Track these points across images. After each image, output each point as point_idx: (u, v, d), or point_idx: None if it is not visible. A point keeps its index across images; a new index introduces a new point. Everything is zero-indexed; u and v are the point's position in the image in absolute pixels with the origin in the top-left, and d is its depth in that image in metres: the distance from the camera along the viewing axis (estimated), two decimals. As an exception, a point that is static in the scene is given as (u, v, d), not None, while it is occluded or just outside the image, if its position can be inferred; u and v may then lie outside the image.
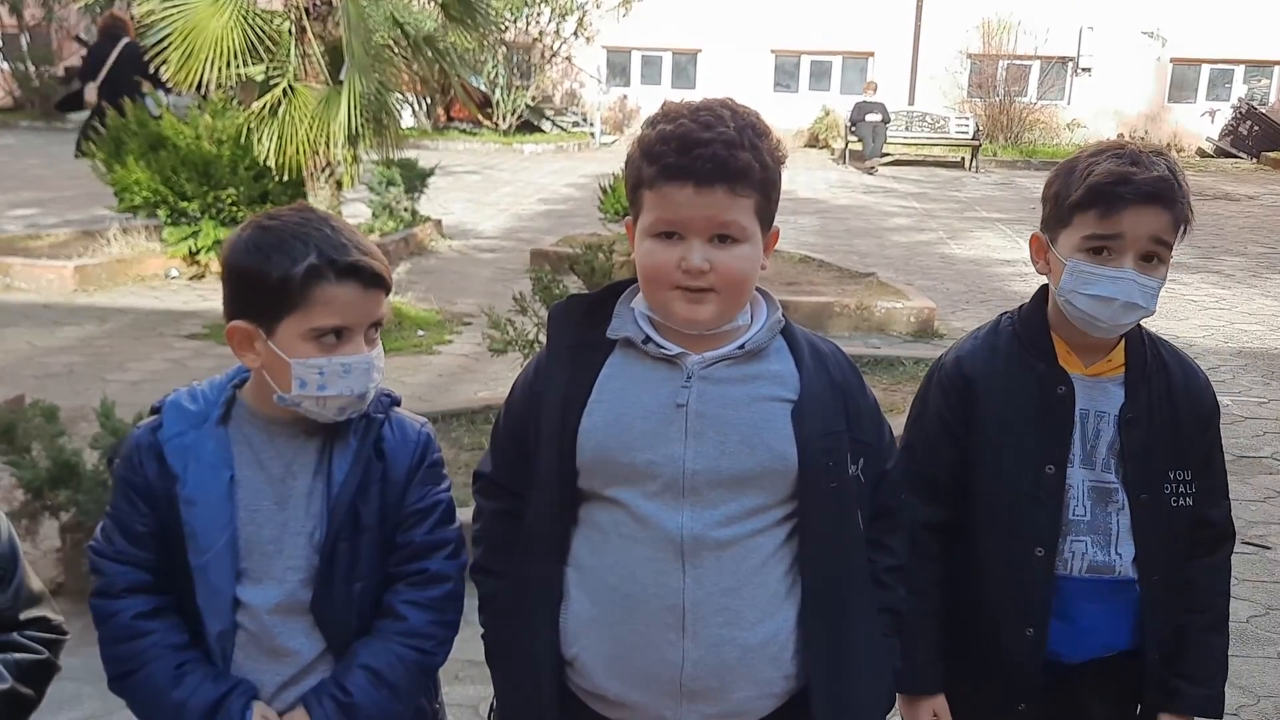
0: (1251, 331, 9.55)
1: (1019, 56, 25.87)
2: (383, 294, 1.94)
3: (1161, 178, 2.06)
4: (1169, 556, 2.17)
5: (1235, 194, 19.60)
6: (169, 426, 1.94)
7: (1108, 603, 2.16)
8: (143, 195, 9.76)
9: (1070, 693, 2.19)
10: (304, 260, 1.85)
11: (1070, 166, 2.16)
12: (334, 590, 1.94)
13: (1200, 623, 2.21)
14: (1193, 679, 2.20)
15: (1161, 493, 2.15)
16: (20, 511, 4.19)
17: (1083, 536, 2.15)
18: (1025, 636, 2.14)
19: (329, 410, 1.90)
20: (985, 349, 2.25)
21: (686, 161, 1.71)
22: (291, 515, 1.94)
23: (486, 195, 17.01)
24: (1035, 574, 2.13)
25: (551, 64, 27.10)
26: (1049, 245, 2.16)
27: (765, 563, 1.81)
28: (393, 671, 1.95)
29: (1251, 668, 4.13)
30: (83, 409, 5.30)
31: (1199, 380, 2.23)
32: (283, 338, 1.88)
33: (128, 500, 1.95)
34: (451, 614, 2.03)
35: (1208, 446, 2.22)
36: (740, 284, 1.80)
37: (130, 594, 1.94)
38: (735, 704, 1.81)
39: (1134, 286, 2.04)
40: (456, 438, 5.74)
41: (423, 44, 8.23)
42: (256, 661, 1.95)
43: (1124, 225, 2.05)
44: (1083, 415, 2.15)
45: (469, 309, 9.07)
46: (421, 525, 2.01)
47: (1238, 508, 5.55)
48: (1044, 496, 2.13)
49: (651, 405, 1.80)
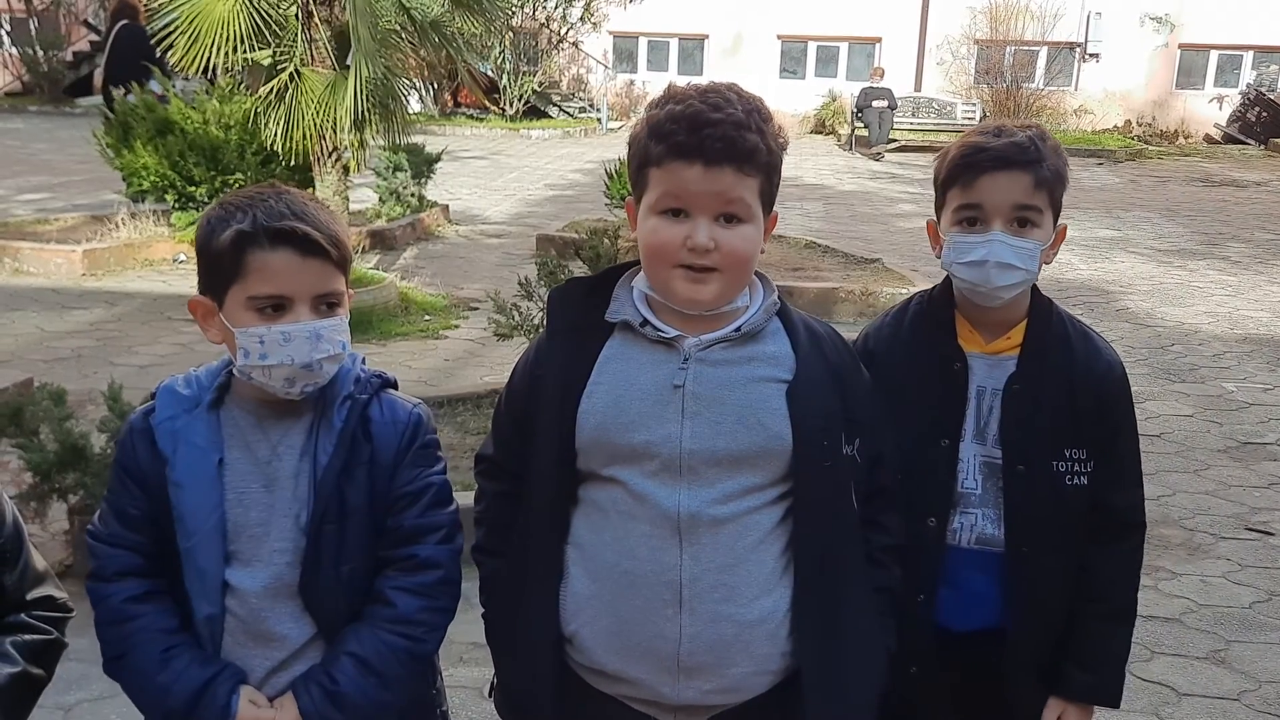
0: (1257, 318, 9.54)
1: (1026, 42, 25.75)
2: (330, 265, 1.88)
3: (1015, 143, 2.10)
4: (1052, 533, 2.16)
5: (1243, 180, 19.54)
6: (161, 411, 1.94)
7: (994, 575, 2.18)
8: (151, 180, 9.79)
9: (958, 660, 2.21)
10: (235, 227, 1.84)
11: (944, 151, 2.22)
12: (321, 573, 1.92)
13: (1095, 610, 2.21)
14: (1083, 665, 2.20)
15: (1049, 468, 2.16)
16: (28, 494, 4.22)
17: (973, 509, 2.18)
18: (916, 602, 2.16)
19: (276, 381, 1.86)
20: (891, 326, 2.31)
21: (696, 140, 1.74)
22: (279, 497, 1.92)
23: (493, 181, 17.02)
24: (927, 543, 2.16)
25: (559, 49, 27.07)
26: (938, 228, 2.22)
27: (762, 540, 1.83)
28: (380, 659, 1.92)
29: (1254, 653, 4.14)
30: (91, 392, 5.32)
31: (1101, 360, 2.21)
32: (229, 309, 1.88)
33: (121, 483, 1.96)
34: (443, 600, 1.99)
35: (1111, 430, 2.20)
36: (743, 264, 1.82)
37: (122, 578, 1.94)
38: (732, 680, 1.83)
39: (1004, 247, 2.08)
40: (462, 422, 5.76)
41: (429, 29, 8.23)
42: (245, 647, 1.94)
43: (983, 193, 2.10)
44: (979, 392, 2.18)
45: (475, 294, 9.10)
46: (412, 509, 1.97)
47: (1242, 494, 5.64)
48: (937, 469, 2.16)
49: (649, 387, 1.83)
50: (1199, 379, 7.70)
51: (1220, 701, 3.83)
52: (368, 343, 7.84)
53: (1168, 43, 26.90)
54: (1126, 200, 16.65)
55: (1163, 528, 5.16)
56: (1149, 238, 13.55)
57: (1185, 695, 3.85)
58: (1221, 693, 3.88)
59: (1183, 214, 15.58)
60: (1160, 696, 3.81)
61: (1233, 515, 5.42)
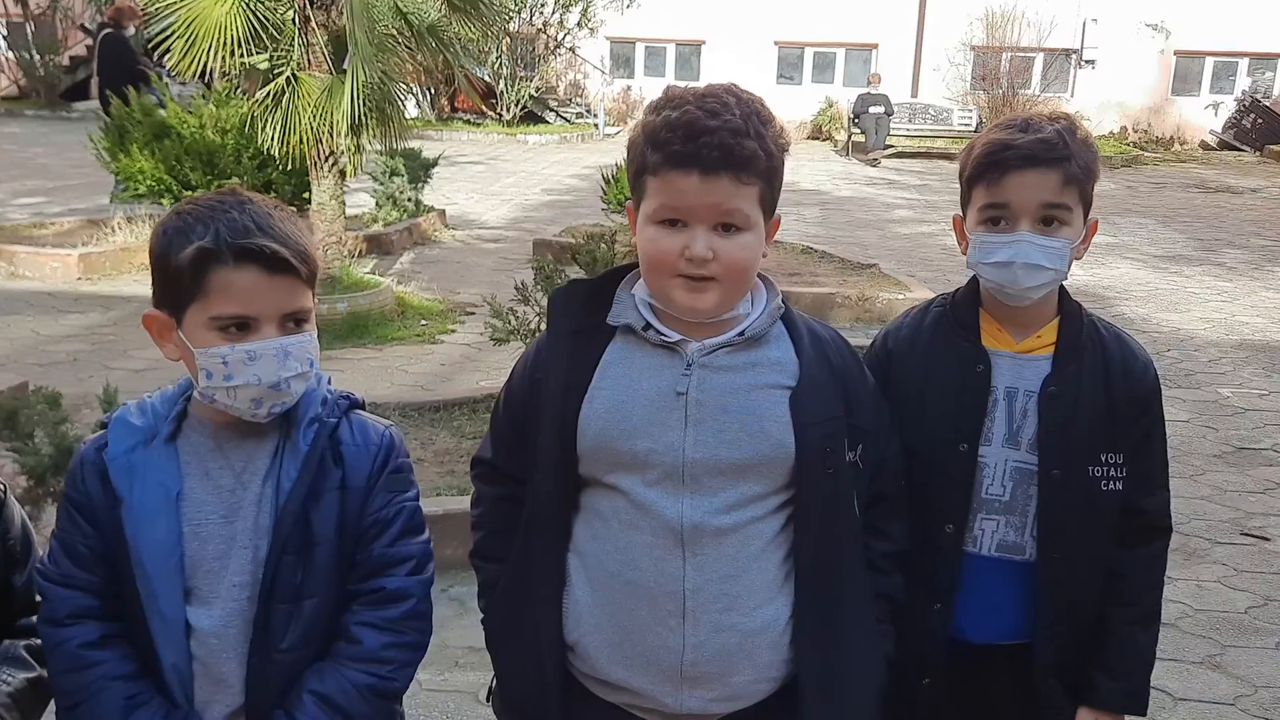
0: (1253, 324, 9.55)
1: (1022, 49, 25.80)
2: (298, 282, 1.77)
3: (1043, 139, 2.03)
4: (1085, 539, 2.11)
5: (1238, 187, 19.56)
6: (114, 445, 1.82)
7: (1015, 585, 2.13)
8: (147, 184, 9.78)
9: (974, 674, 2.16)
10: (197, 243, 1.72)
11: (971, 144, 2.16)
12: (277, 609, 1.80)
13: (1125, 616, 2.16)
14: (1112, 673, 2.15)
15: (1085, 473, 2.10)
16: (23, 498, 4.20)
17: (995, 516, 2.12)
18: (932, 611, 2.12)
19: (242, 403, 1.76)
20: (911, 326, 2.25)
21: (692, 149, 1.70)
22: (239, 528, 1.80)
23: (490, 186, 17.02)
24: (944, 550, 2.11)
25: (556, 55, 27.08)
26: (964, 224, 2.17)
27: (764, 549, 1.82)
28: (344, 695, 1.81)
29: (1250, 658, 4.14)
30: (86, 396, 5.30)
31: (1138, 362, 2.16)
32: (189, 327, 1.77)
33: (70, 519, 1.84)
34: (411, 634, 1.89)
35: (1144, 432, 2.15)
36: (742, 273, 1.79)
37: (76, 620, 1.81)
38: (735, 688, 1.82)
39: (1031, 248, 2.03)
40: (458, 426, 5.76)
41: (426, 34, 8.24)
42: (205, 692, 1.82)
43: (1010, 192, 2.04)
44: (1009, 394, 2.12)
45: (472, 299, 9.09)
46: (381, 537, 1.87)
47: (1237, 499, 5.64)
48: (955, 474, 2.11)
49: (651, 393, 1.80)
50: (1195, 385, 7.70)
51: (1216, 706, 3.83)
52: (364, 347, 7.84)
53: (1164, 49, 26.95)
54: (1123, 206, 16.66)
55: (1159, 533, 5.15)
56: (1145, 244, 13.56)
57: (1181, 700, 3.85)
58: (1217, 698, 3.88)
59: (1179, 220, 15.60)
60: (1156, 701, 3.79)
61: (1229, 520, 5.43)
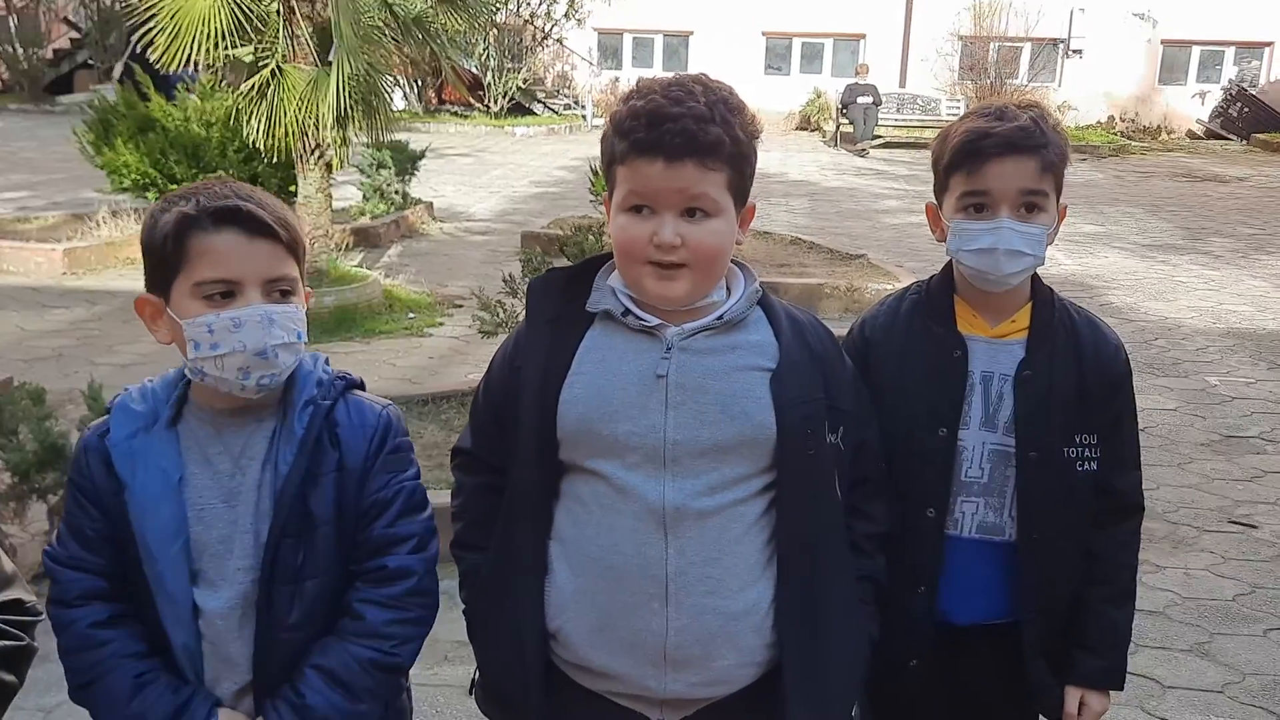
0: (1240, 312, 9.58)
1: (1010, 39, 25.86)
2: (280, 248, 1.80)
3: (1020, 127, 2.07)
4: (1062, 519, 2.16)
5: (1225, 175, 19.63)
6: (116, 430, 1.85)
7: (996, 565, 2.17)
8: (132, 178, 9.74)
9: (959, 654, 2.21)
10: (178, 210, 1.77)
11: (946, 132, 2.18)
12: (279, 590, 1.83)
13: (1101, 594, 2.21)
14: (1093, 650, 2.20)
15: (1060, 455, 2.14)
16: (7, 494, 4.18)
17: (975, 498, 2.16)
18: (917, 594, 2.15)
19: (229, 373, 1.77)
20: (888, 314, 2.28)
21: (656, 136, 1.72)
22: (241, 512, 1.83)
23: (478, 178, 16.98)
24: (927, 534, 2.15)
25: (543, 46, 27.03)
26: (939, 211, 2.19)
27: (747, 532, 1.82)
28: (348, 671, 1.84)
29: (1237, 645, 4.15)
30: (71, 392, 5.28)
31: (1109, 345, 2.22)
32: (176, 301, 1.79)
33: (77, 504, 1.87)
34: (415, 610, 1.91)
35: (1116, 413, 2.21)
36: (712, 258, 1.80)
37: (86, 601, 1.85)
38: (718, 672, 1.82)
39: (1012, 234, 2.06)
40: (447, 419, 5.74)
41: (412, 25, 8.20)
42: (215, 671, 1.86)
43: (990, 179, 2.07)
44: (985, 378, 2.15)
45: (460, 291, 9.07)
46: (381, 517, 1.89)
47: (1225, 487, 5.66)
48: (935, 458, 2.14)
49: (632, 376, 1.81)
50: (1182, 373, 7.72)
51: (1204, 694, 3.84)
52: (351, 340, 7.81)
53: (1151, 39, 27.00)
54: (1110, 195, 16.70)
55: (1146, 521, 5.09)
56: (1132, 233, 13.59)
57: (1170, 688, 3.85)
58: (1206, 685, 3.89)
59: (1166, 209, 15.65)
60: (1145, 689, 3.81)
61: (1216, 508, 5.44)
